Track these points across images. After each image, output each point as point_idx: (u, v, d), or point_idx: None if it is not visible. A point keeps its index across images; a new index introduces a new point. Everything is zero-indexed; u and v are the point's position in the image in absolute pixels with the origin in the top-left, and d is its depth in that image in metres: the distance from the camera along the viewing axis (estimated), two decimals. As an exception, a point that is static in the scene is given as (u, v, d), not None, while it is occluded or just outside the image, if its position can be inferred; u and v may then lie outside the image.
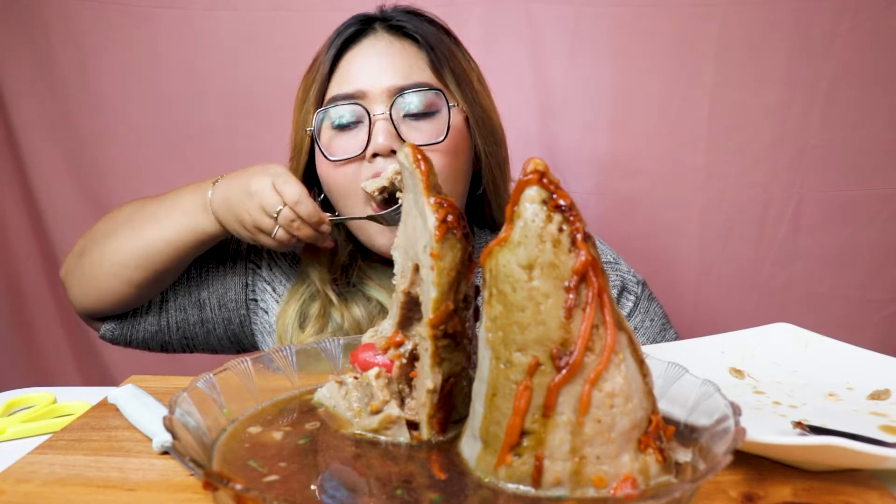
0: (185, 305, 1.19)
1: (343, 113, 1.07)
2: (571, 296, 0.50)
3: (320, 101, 1.11)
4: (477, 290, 0.62)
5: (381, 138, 1.03)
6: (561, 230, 0.51)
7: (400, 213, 0.66)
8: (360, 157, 1.06)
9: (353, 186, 1.07)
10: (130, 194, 1.81)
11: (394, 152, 1.03)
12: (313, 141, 1.11)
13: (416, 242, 0.62)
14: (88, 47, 1.77)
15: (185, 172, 1.81)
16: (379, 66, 1.08)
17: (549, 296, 0.50)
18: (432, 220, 0.59)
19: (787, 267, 1.74)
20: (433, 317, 0.59)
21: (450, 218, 0.59)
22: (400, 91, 1.05)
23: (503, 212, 1.20)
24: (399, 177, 0.67)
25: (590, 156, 1.75)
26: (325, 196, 1.15)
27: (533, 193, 0.52)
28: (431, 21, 1.15)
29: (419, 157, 0.62)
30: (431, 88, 1.08)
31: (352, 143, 1.07)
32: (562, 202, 0.51)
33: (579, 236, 0.51)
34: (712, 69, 1.68)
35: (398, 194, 0.66)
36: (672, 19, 1.67)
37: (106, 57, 1.78)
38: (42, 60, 1.78)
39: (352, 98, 1.07)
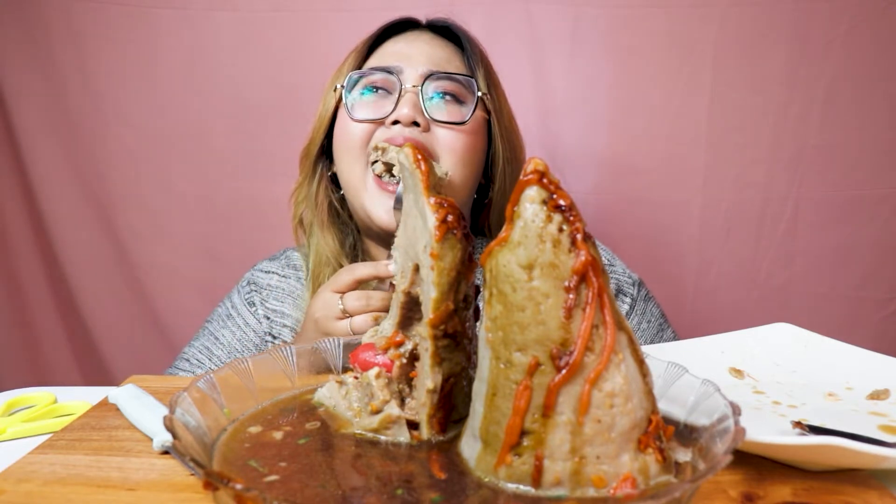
0: None
1: (376, 79, 1.13)
2: (571, 296, 0.50)
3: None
4: (477, 290, 0.62)
5: (407, 108, 1.08)
6: (561, 230, 0.51)
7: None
8: (380, 122, 1.11)
9: (362, 145, 1.11)
10: (130, 194, 1.84)
11: (415, 124, 1.09)
12: (336, 110, 1.15)
13: (417, 242, 0.62)
14: (88, 47, 1.77)
15: (185, 172, 1.82)
16: (419, 51, 1.15)
17: (549, 296, 0.50)
18: (432, 220, 0.59)
19: (786, 266, 1.74)
20: (433, 317, 0.59)
21: (450, 218, 0.59)
22: (434, 74, 1.12)
23: (501, 225, 1.24)
24: (381, 152, 0.68)
25: (590, 156, 1.75)
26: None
27: (533, 193, 0.52)
28: (469, 35, 1.23)
29: (419, 157, 0.62)
30: (464, 75, 1.14)
31: (376, 108, 1.12)
32: (562, 202, 0.51)
33: (579, 236, 0.51)
34: (711, 69, 1.68)
35: (394, 170, 0.67)
36: (671, 20, 1.67)
37: (106, 57, 1.78)
38: (42, 60, 1.78)
39: (387, 70, 1.12)
